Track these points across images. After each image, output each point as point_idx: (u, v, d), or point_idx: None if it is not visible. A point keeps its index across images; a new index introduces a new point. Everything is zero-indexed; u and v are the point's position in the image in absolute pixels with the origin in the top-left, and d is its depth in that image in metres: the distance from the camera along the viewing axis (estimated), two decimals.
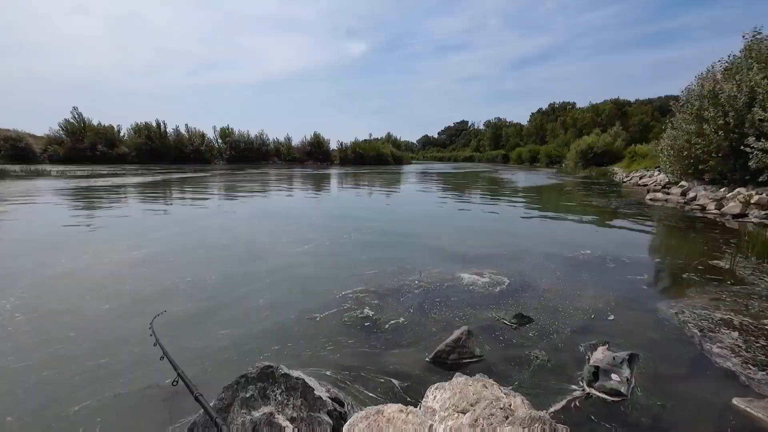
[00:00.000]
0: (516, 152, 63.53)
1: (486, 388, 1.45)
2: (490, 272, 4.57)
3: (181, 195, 13.27)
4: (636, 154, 26.82)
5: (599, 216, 9.49)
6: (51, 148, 37.92)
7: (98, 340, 2.93)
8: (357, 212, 9.93)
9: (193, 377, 2.44)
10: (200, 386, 2.36)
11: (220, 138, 48.17)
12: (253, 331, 3.11)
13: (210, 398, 2.10)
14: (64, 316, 3.33)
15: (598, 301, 3.77)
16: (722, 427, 2.06)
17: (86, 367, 2.56)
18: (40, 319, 3.24)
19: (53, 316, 3.30)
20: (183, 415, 2.08)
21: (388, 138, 65.10)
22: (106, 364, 2.60)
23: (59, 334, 2.99)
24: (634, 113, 50.77)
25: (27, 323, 3.15)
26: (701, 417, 2.14)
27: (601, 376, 2.43)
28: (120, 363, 2.62)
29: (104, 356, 2.69)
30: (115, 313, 3.40)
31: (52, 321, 3.22)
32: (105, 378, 2.44)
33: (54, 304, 3.55)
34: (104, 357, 2.68)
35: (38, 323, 3.17)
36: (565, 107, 69.66)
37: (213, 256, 5.30)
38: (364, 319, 3.35)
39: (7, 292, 3.76)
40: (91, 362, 2.61)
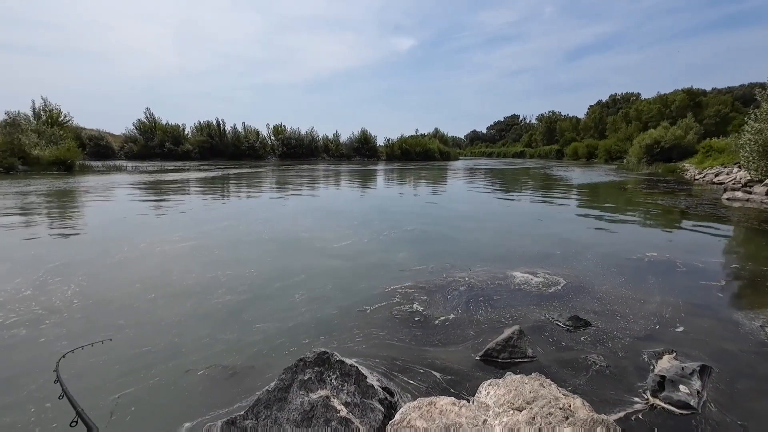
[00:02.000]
0: (571, 147, 60.05)
1: (543, 387, 1.42)
2: (544, 272, 4.40)
3: (235, 190, 14.10)
4: (711, 149, 24.29)
5: (667, 216, 8.75)
6: (126, 146, 41.84)
7: (141, 330, 3.08)
8: (403, 208, 9.96)
9: (249, 360, 2.62)
10: (258, 367, 2.55)
11: (273, 135, 50.42)
12: (306, 320, 3.26)
13: (267, 380, 2.24)
14: (113, 304, 3.54)
15: (665, 308, 3.51)
16: None
17: (128, 355, 2.70)
18: (92, 306, 3.50)
19: (104, 304, 3.52)
20: (219, 406, 2.24)
21: (435, 134, 64.50)
22: (145, 353, 2.73)
23: (107, 322, 3.19)
24: (709, 104, 45.93)
25: (80, 310, 3.39)
26: None
27: (668, 387, 2.27)
28: (158, 353, 2.74)
29: (145, 345, 2.83)
30: (159, 303, 3.58)
31: (103, 309, 3.44)
32: (142, 368, 2.55)
33: (107, 292, 3.82)
34: (145, 346, 2.82)
35: (90, 310, 3.39)
36: (629, 98, 64.66)
37: (264, 249, 5.60)
38: (414, 314, 3.38)
39: (71, 279, 4.13)
40: (133, 351, 2.75)
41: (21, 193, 11.37)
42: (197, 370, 2.53)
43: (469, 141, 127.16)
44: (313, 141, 50.84)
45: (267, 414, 1.74)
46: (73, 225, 7.19)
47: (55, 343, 2.84)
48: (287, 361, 2.30)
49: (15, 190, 12.09)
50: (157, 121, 44.28)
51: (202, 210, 9.08)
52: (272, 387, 1.84)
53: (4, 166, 19.03)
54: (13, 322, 3.14)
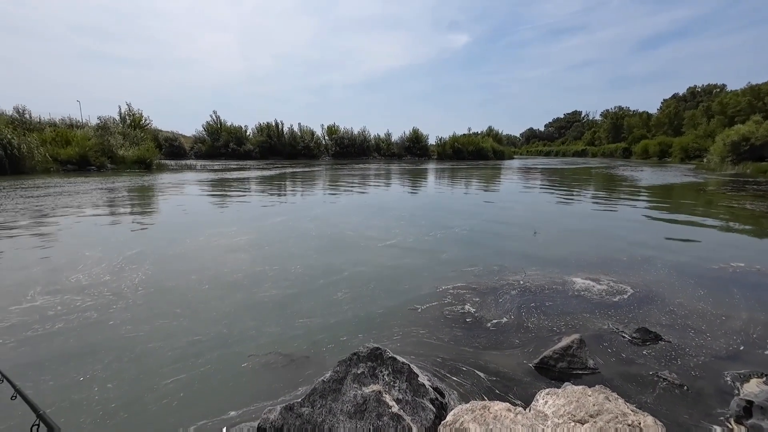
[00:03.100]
0: (641, 145, 55.19)
1: (609, 401, 1.33)
2: (608, 279, 4.12)
3: (290, 187, 14.74)
4: None
5: (757, 222, 7.76)
6: (196, 146, 45.39)
7: (195, 319, 3.26)
8: (454, 207, 9.80)
9: (306, 350, 2.74)
10: (313, 357, 2.66)
11: (327, 135, 51.96)
12: (359, 316, 3.34)
13: (319, 371, 2.33)
14: (172, 293, 3.81)
15: (753, 324, 3.13)
16: None
17: (183, 342, 2.87)
18: (155, 294, 3.77)
19: (164, 293, 3.79)
20: (257, 400, 2.34)
21: (488, 132, 62.67)
22: (198, 341, 2.89)
23: (166, 310, 3.42)
24: None
25: (144, 297, 3.68)
26: None
27: (756, 414, 2.02)
28: (210, 341, 2.90)
29: (198, 334, 3.00)
30: (212, 294, 3.79)
31: (163, 297, 3.70)
32: (195, 355, 2.70)
33: (168, 281, 4.12)
34: (198, 335, 2.98)
35: (152, 298, 3.67)
36: (711, 91, 58.25)
37: (317, 245, 5.80)
38: (465, 315, 3.33)
39: (139, 268, 4.51)
40: (187, 339, 2.92)
41: (110, 189, 12.81)
42: (256, 356, 2.69)
43: (525, 139, 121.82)
44: (365, 140, 51.65)
45: (322, 403, 1.81)
46: (150, 217, 7.98)
47: (120, 327, 3.11)
48: (340, 354, 2.38)
49: (105, 186, 13.65)
50: (223, 122, 47.53)
51: (259, 206, 9.61)
52: (327, 378, 1.92)
53: (96, 165, 21.54)
54: (88, 305, 3.48)
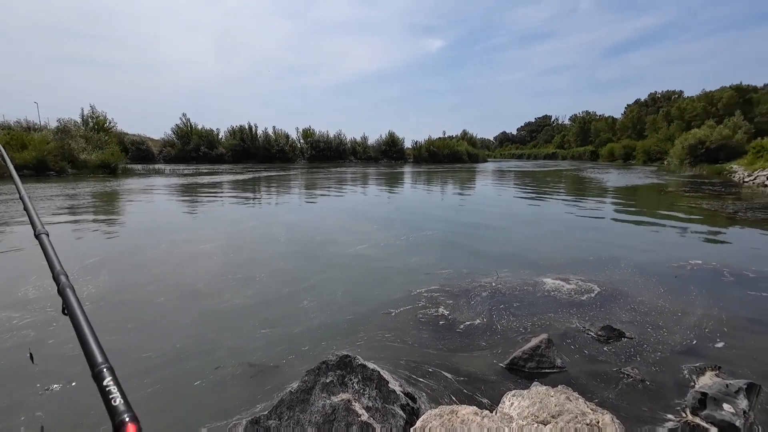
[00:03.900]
0: (607, 148, 57.63)
1: (570, 401, 1.36)
2: (577, 279, 4.25)
3: (263, 192, 14.48)
4: (763, 149, 22.61)
5: (713, 221, 8.22)
6: (165, 150, 43.91)
7: (149, 333, 3.10)
8: (429, 211, 9.89)
9: (274, 360, 2.68)
10: (282, 367, 2.59)
11: (302, 138, 51.45)
12: (327, 323, 3.29)
13: (290, 380, 2.28)
14: (126, 306, 3.59)
15: (708, 319, 3.29)
16: None
17: (133, 359, 2.68)
18: (106, 307, 3.53)
19: (117, 306, 3.56)
20: (216, 408, 2.28)
21: (463, 135, 63.76)
22: (151, 357, 2.71)
23: (117, 324, 3.20)
24: (761, 100, 42.77)
25: (93, 311, 3.35)
26: None
27: (710, 405, 2.12)
28: (164, 356, 2.73)
29: (151, 349, 2.80)
30: (171, 305, 3.62)
31: (115, 310, 3.47)
32: (146, 372, 2.52)
33: (123, 293, 3.88)
34: (151, 350, 2.79)
35: (103, 312, 3.42)
36: (670, 97, 61.44)
37: (287, 250, 5.71)
38: (439, 317, 3.35)
39: (94, 280, 4.19)
40: (137, 355, 2.74)
41: (70, 195, 12.17)
42: (223, 368, 2.61)
43: (498, 143, 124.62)
44: (341, 144, 51.47)
45: (290, 415, 1.76)
46: (113, 224, 7.63)
47: (60, 346, 2.84)
48: (310, 363, 2.33)
49: (65, 192, 12.96)
50: (193, 125, 46.23)
51: (230, 212, 9.38)
52: (295, 388, 1.87)
53: (56, 170, 20.45)
54: (27, 323, 3.18)
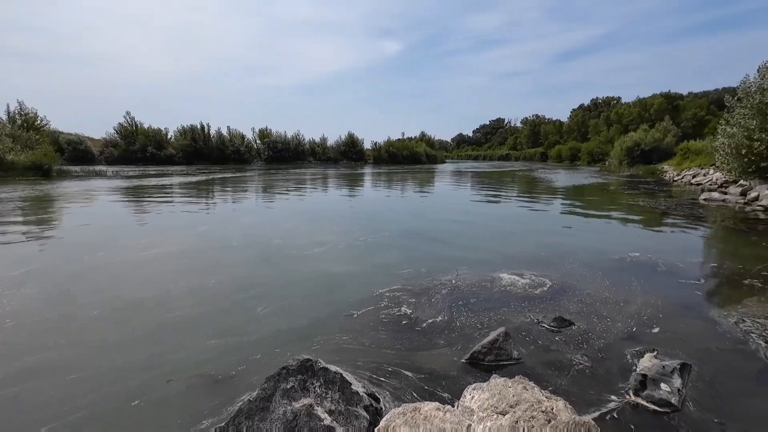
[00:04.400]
0: (555, 150, 61.15)
1: (526, 390, 1.42)
2: (531, 273, 4.45)
3: (217, 194, 13.90)
4: (688, 151, 25.00)
5: (648, 217, 8.96)
6: (107, 150, 40.84)
7: (86, 350, 2.85)
8: (390, 212, 9.96)
9: (230, 368, 2.57)
10: (238, 378, 2.49)
11: (259, 139, 49.95)
12: (287, 328, 3.21)
13: (248, 389, 2.20)
14: (59, 321, 3.29)
15: (646, 307, 3.58)
16: None
17: (62, 382, 2.45)
18: (31, 325, 3.21)
19: (43, 324, 3.24)
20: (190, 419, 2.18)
21: (421, 137, 64.91)
22: (79, 379, 2.48)
23: (46, 342, 2.93)
24: (686, 107, 47.39)
25: (14, 331, 3.09)
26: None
27: (649, 386, 2.30)
28: (103, 374, 2.53)
29: (79, 371, 2.57)
30: (103, 320, 3.32)
31: (40, 328, 3.17)
32: (76, 396, 2.31)
33: (53, 308, 3.54)
34: (79, 372, 2.56)
35: (26, 330, 3.12)
36: (609, 102, 66.32)
37: (245, 255, 5.52)
38: (401, 317, 3.37)
39: (18, 294, 3.80)
40: (72, 375, 2.52)
41: None
42: (164, 386, 2.46)
43: (455, 144, 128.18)
44: (299, 145, 50.53)
45: (249, 425, 1.69)
46: (46, 231, 6.97)
47: None
48: (267, 371, 2.26)
49: None
50: (139, 125, 43.42)
51: (180, 216, 8.90)
52: (254, 397, 1.80)
53: None
54: None
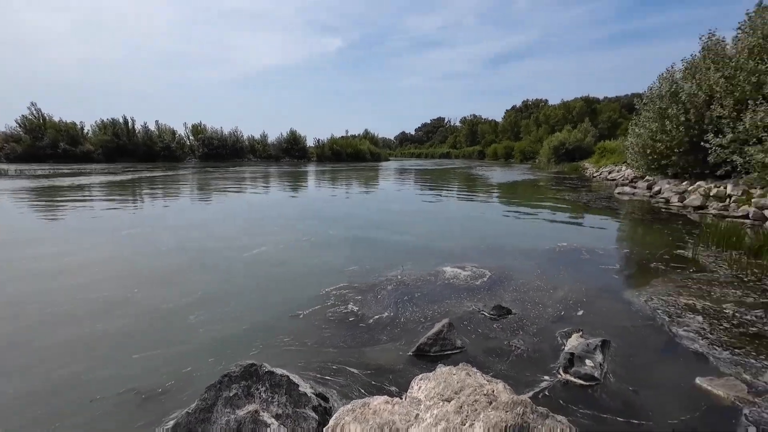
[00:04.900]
0: (491, 149, 64.63)
1: (469, 376, 1.49)
2: (472, 266, 4.66)
3: (147, 195, 12.82)
4: (605, 150, 27.78)
5: (573, 209, 9.82)
6: (8, 146, 35.72)
7: None
8: (335, 209, 9.88)
9: (163, 383, 2.39)
10: (173, 392, 2.32)
11: (192, 135, 46.75)
12: (234, 332, 3.06)
13: (185, 403, 2.05)
14: None
15: (573, 292, 3.92)
16: (687, 406, 2.19)
17: None
18: None
19: None
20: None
21: (365, 135, 64.97)
22: None
23: None
24: (602, 110, 52.61)
25: None
26: (668, 399, 2.27)
27: (576, 363, 2.53)
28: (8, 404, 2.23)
29: None
30: (16, 339, 2.94)
31: None
32: None
33: None
34: None
35: None
36: (538, 104, 71.40)
37: (173, 262, 5.16)
38: (348, 314, 3.36)
39: None
40: None
41: None
42: (87, 406, 2.23)
43: (399, 142, 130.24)
44: (237, 141, 48.04)
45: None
46: None
47: None
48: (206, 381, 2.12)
49: None
50: (48, 118, 38.50)
51: (102, 219, 8.07)
52: (193, 408, 1.69)
53: None
54: None
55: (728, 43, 11.43)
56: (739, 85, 9.57)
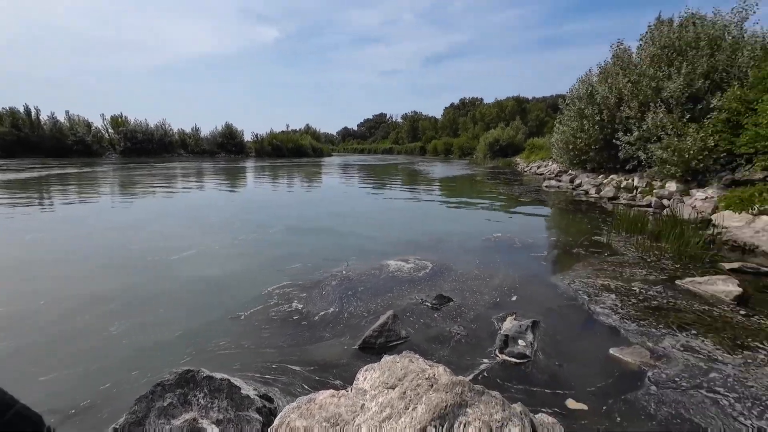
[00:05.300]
0: (432, 145, 66.59)
1: (412, 363, 1.54)
2: (415, 258, 4.79)
3: (57, 194, 11.43)
4: (534, 147, 29.96)
5: (507, 202, 10.48)
6: None
7: None
8: (276, 207, 9.58)
9: (90, 398, 2.18)
10: (101, 407, 2.12)
11: (112, 128, 42.36)
12: (165, 339, 2.86)
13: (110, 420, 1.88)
14: None
15: (507, 278, 4.20)
16: (602, 374, 2.46)
17: None
18: None
19: None
20: None
21: (306, 129, 63.58)
22: None
23: None
24: (531, 109, 56.58)
25: None
26: (587, 369, 2.53)
27: (510, 343, 2.73)
28: None
29: None
30: None
31: None
32: None
33: None
34: None
35: None
36: (474, 102, 74.87)
37: (88, 268, 4.70)
38: (292, 313, 3.29)
39: None
40: None
41: None
42: None
43: (341, 137, 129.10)
44: (165, 135, 44.38)
45: None
46: None
47: None
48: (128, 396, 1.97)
49: None
50: None
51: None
52: (121, 424, 1.56)
53: None
54: None
55: (633, 52, 12.87)
56: (642, 89, 10.84)
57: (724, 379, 2.36)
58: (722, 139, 8.06)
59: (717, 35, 10.35)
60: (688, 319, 3.18)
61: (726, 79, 9.66)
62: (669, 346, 2.75)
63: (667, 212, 7.40)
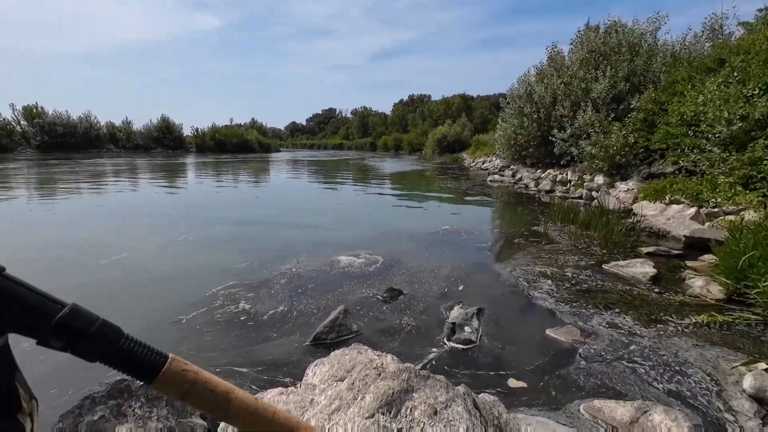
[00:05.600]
0: (382, 140, 67.02)
1: (360, 354, 1.56)
2: (366, 253, 4.81)
3: None
4: (479, 143, 31.25)
5: (454, 196, 10.86)
6: None
7: None
8: (220, 205, 9.14)
9: None
10: None
11: (25, 119, 37.68)
12: None
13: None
14: None
15: (454, 269, 4.36)
16: (540, 353, 2.66)
17: None
18: None
19: None
20: None
21: (252, 124, 60.94)
22: None
23: None
24: (477, 107, 58.86)
25: None
26: (527, 350, 2.72)
27: (457, 330, 2.85)
28: None
29: None
30: None
31: None
32: None
33: None
34: None
35: None
36: (422, 99, 76.42)
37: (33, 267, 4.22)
38: (239, 313, 3.17)
39: None
40: None
41: None
42: None
43: (289, 132, 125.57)
44: (91, 128, 40.25)
45: None
46: None
47: None
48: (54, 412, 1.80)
49: None
50: None
51: None
52: None
53: None
54: None
55: (566, 55, 13.86)
56: (574, 90, 11.73)
57: (641, 350, 2.65)
58: (640, 136, 8.96)
59: (635, 42, 11.47)
60: (613, 299, 3.52)
61: (643, 82, 10.75)
62: (596, 324, 3.03)
63: (596, 203, 8.12)
